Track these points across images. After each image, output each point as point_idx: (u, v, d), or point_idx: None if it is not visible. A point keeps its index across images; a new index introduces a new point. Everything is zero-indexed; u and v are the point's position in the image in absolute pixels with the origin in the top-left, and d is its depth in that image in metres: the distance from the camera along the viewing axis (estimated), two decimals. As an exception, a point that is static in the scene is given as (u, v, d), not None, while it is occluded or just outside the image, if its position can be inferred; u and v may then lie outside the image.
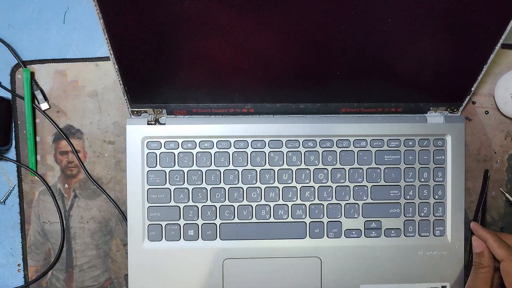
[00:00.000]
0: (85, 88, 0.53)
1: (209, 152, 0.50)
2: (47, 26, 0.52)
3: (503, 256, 0.44)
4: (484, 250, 0.46)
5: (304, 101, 0.49)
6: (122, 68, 0.44)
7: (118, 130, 0.53)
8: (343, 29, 0.42)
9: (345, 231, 0.51)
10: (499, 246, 0.45)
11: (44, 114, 0.52)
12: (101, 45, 0.53)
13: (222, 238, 0.50)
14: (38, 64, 0.52)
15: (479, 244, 0.47)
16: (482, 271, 0.46)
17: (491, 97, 0.54)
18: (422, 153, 0.51)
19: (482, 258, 0.46)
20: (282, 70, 0.46)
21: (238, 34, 0.42)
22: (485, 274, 0.45)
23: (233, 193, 0.50)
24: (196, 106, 0.49)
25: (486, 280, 0.45)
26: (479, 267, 0.46)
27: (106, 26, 0.40)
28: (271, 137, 0.50)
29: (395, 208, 0.51)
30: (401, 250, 0.51)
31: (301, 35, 0.42)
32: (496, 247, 0.45)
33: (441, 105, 0.51)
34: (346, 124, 0.50)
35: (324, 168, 0.51)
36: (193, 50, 0.43)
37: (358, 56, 0.45)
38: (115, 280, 0.53)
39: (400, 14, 0.41)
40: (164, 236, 0.50)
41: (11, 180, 0.53)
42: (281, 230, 0.50)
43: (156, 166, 0.50)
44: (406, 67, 0.46)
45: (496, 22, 0.43)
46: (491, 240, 0.46)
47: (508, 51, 0.54)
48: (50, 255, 0.52)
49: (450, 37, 0.44)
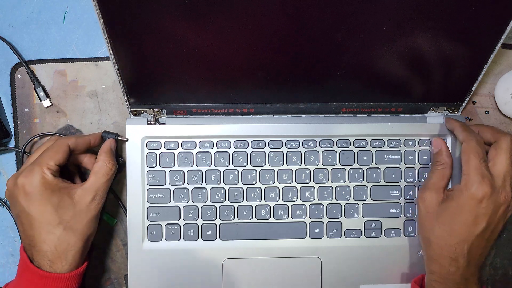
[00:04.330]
0: (85, 88, 0.53)
1: (209, 152, 0.50)
2: (47, 26, 0.52)
3: (464, 137, 0.46)
4: (442, 148, 0.49)
5: (304, 101, 0.49)
6: (122, 68, 0.44)
7: (118, 130, 0.52)
8: (343, 29, 0.42)
9: (345, 231, 0.51)
10: (463, 129, 0.47)
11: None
12: (101, 45, 0.53)
13: (222, 238, 0.50)
14: (38, 64, 0.52)
15: (438, 143, 0.49)
16: (439, 167, 0.48)
17: (491, 97, 0.54)
18: (422, 153, 0.51)
19: (439, 156, 0.48)
20: (282, 70, 0.46)
21: (238, 34, 0.42)
22: (442, 170, 0.47)
23: (233, 193, 0.50)
24: (196, 106, 0.49)
25: (443, 175, 0.47)
26: (437, 164, 0.48)
27: (106, 26, 0.40)
28: (271, 137, 0.50)
29: (395, 208, 0.51)
30: (401, 250, 0.51)
31: (301, 35, 0.42)
32: (461, 130, 0.47)
33: (441, 105, 0.51)
34: (346, 124, 0.50)
35: (324, 168, 0.51)
36: (193, 50, 0.43)
37: (358, 56, 0.45)
38: (115, 280, 0.53)
39: (400, 14, 0.41)
40: (164, 236, 0.50)
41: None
42: (281, 230, 0.50)
43: (156, 166, 0.50)
44: (406, 67, 0.46)
45: (496, 22, 0.43)
46: (457, 126, 0.48)
47: (508, 51, 0.54)
48: (50, 255, 0.52)
49: (450, 37, 0.44)
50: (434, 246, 0.45)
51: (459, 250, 0.43)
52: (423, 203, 0.46)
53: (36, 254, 0.43)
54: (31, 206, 0.42)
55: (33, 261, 0.43)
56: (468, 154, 0.44)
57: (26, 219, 0.43)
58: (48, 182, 0.43)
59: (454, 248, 0.43)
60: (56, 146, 0.45)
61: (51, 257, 0.43)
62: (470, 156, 0.44)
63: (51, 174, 0.43)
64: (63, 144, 0.45)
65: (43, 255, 0.43)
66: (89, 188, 0.45)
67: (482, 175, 0.43)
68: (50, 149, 0.45)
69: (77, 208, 0.44)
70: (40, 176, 0.43)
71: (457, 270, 0.43)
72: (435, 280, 0.44)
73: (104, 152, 0.47)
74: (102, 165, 0.46)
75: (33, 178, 0.42)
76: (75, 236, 0.43)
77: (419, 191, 0.48)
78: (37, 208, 0.42)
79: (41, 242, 0.43)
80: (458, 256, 0.43)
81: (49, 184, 0.43)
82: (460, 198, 0.43)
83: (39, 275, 0.42)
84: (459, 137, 0.47)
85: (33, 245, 0.43)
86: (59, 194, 0.43)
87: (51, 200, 0.43)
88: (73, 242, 0.43)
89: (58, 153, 0.44)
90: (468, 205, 0.43)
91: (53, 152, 0.44)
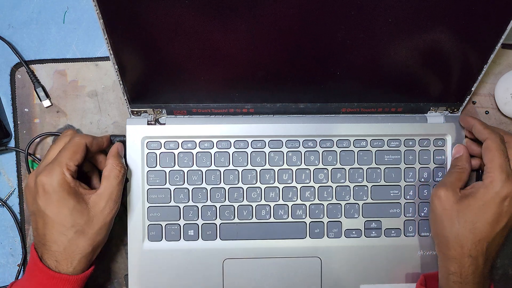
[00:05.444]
0: (85, 88, 0.53)
1: (209, 152, 0.50)
2: (47, 26, 0.52)
3: (488, 135, 0.45)
4: (463, 154, 0.49)
5: (304, 101, 0.49)
6: (122, 68, 0.44)
7: (118, 130, 0.53)
8: (343, 29, 0.42)
9: (345, 231, 0.51)
10: (485, 127, 0.46)
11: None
12: (101, 45, 0.53)
13: (222, 238, 0.50)
14: (38, 64, 0.52)
15: (459, 148, 0.49)
16: (458, 170, 0.47)
17: (491, 97, 0.54)
18: (422, 153, 0.51)
19: (460, 161, 0.48)
20: (282, 70, 0.46)
21: (238, 34, 0.42)
22: (460, 173, 0.47)
23: (233, 193, 0.50)
24: (196, 106, 0.49)
25: (460, 178, 0.47)
26: (456, 167, 0.48)
27: (106, 26, 0.40)
28: (271, 137, 0.50)
29: (395, 208, 0.51)
30: (401, 250, 0.51)
31: (301, 35, 0.42)
32: (483, 127, 0.46)
33: (441, 105, 0.51)
34: (346, 124, 0.50)
35: (324, 168, 0.51)
36: (193, 50, 0.43)
37: (358, 56, 0.45)
38: (115, 280, 0.53)
39: (401, 14, 0.41)
40: (164, 236, 0.50)
41: (11, 180, 0.53)
42: (281, 230, 0.50)
43: (156, 166, 0.50)
44: (406, 67, 0.46)
45: (497, 22, 0.43)
46: (477, 124, 0.47)
47: (508, 51, 0.54)
48: (50, 255, 0.52)
49: (451, 37, 0.44)
50: (453, 244, 0.43)
51: (479, 248, 0.42)
52: (439, 200, 0.45)
53: (45, 253, 0.43)
54: (48, 206, 0.43)
55: (42, 260, 0.43)
56: (493, 152, 0.43)
57: (41, 217, 0.43)
58: (67, 184, 0.43)
59: (475, 245, 0.42)
60: (75, 145, 0.45)
61: (59, 257, 0.43)
62: (496, 153, 0.43)
63: (70, 176, 0.43)
64: (81, 144, 0.45)
65: (51, 254, 0.43)
66: (102, 193, 0.45)
67: (507, 174, 0.42)
68: (69, 148, 0.44)
69: (91, 214, 0.44)
70: (61, 176, 0.43)
71: (476, 268, 0.43)
72: (455, 281, 0.43)
73: (112, 156, 0.47)
74: (112, 168, 0.46)
75: (53, 178, 0.42)
76: (85, 241, 0.44)
77: (433, 188, 0.47)
78: (54, 208, 0.43)
79: (52, 241, 0.43)
80: (478, 255, 0.43)
81: (68, 185, 0.43)
82: (484, 196, 0.43)
83: (47, 275, 0.42)
84: (482, 134, 0.46)
85: (43, 243, 0.43)
86: (75, 197, 0.43)
87: (68, 202, 0.43)
88: (82, 246, 0.43)
89: (77, 153, 0.44)
90: (493, 203, 0.42)
91: (72, 152, 0.44)
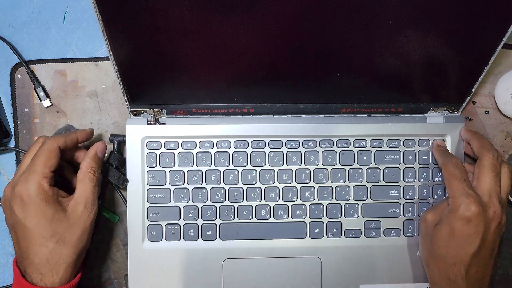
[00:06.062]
0: (85, 88, 0.53)
1: (209, 152, 0.50)
2: (47, 26, 0.52)
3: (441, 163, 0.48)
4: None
5: (304, 101, 0.49)
6: (121, 69, 0.44)
7: (118, 130, 0.53)
8: (344, 30, 0.42)
9: (345, 231, 0.51)
10: (440, 154, 0.49)
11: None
12: (101, 45, 0.53)
13: (222, 238, 0.50)
14: (38, 64, 0.52)
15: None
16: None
17: (492, 97, 0.54)
18: (422, 153, 0.51)
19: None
20: (282, 70, 0.46)
21: (238, 34, 0.42)
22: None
23: (233, 193, 0.50)
24: (196, 106, 0.49)
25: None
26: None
27: (105, 27, 0.40)
28: (271, 137, 0.50)
29: (395, 208, 0.51)
30: (401, 250, 0.51)
31: (301, 35, 0.42)
32: (438, 156, 0.49)
33: (441, 105, 0.51)
34: (346, 124, 0.50)
35: (324, 168, 0.51)
36: (192, 50, 0.43)
37: (358, 56, 0.45)
38: (115, 280, 0.53)
39: (401, 15, 0.41)
40: (164, 236, 0.50)
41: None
42: (281, 230, 0.50)
43: (156, 166, 0.50)
44: (406, 67, 0.46)
45: (498, 23, 0.43)
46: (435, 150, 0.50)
47: (509, 51, 0.54)
48: (50, 255, 0.52)
49: (452, 38, 0.44)
50: (433, 267, 0.45)
51: (456, 271, 0.43)
52: (424, 223, 0.47)
53: (28, 267, 0.42)
54: (27, 217, 0.42)
55: (26, 274, 0.42)
56: (448, 179, 0.45)
57: (20, 230, 0.42)
58: (45, 192, 0.42)
59: (452, 269, 0.43)
60: (47, 151, 0.44)
61: (43, 270, 0.42)
62: (450, 180, 0.44)
63: (48, 184, 0.43)
64: (53, 147, 0.44)
65: (35, 268, 0.42)
66: (78, 198, 0.44)
67: (466, 195, 0.42)
68: (42, 155, 0.43)
69: (70, 221, 0.43)
70: (38, 185, 0.42)
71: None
72: None
73: (88, 157, 0.46)
74: (86, 171, 0.45)
75: (30, 188, 0.42)
76: (68, 249, 0.43)
77: (423, 212, 0.48)
78: (32, 219, 0.42)
79: (33, 254, 0.42)
80: (457, 278, 0.43)
81: (46, 194, 0.42)
82: (449, 220, 0.43)
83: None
84: (438, 162, 0.49)
85: (25, 257, 0.42)
86: (54, 205, 0.42)
87: (46, 211, 0.42)
88: (65, 255, 0.43)
89: (50, 159, 0.43)
90: (458, 226, 0.42)
91: (46, 158, 0.43)
